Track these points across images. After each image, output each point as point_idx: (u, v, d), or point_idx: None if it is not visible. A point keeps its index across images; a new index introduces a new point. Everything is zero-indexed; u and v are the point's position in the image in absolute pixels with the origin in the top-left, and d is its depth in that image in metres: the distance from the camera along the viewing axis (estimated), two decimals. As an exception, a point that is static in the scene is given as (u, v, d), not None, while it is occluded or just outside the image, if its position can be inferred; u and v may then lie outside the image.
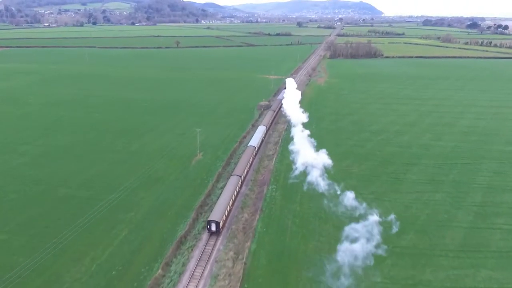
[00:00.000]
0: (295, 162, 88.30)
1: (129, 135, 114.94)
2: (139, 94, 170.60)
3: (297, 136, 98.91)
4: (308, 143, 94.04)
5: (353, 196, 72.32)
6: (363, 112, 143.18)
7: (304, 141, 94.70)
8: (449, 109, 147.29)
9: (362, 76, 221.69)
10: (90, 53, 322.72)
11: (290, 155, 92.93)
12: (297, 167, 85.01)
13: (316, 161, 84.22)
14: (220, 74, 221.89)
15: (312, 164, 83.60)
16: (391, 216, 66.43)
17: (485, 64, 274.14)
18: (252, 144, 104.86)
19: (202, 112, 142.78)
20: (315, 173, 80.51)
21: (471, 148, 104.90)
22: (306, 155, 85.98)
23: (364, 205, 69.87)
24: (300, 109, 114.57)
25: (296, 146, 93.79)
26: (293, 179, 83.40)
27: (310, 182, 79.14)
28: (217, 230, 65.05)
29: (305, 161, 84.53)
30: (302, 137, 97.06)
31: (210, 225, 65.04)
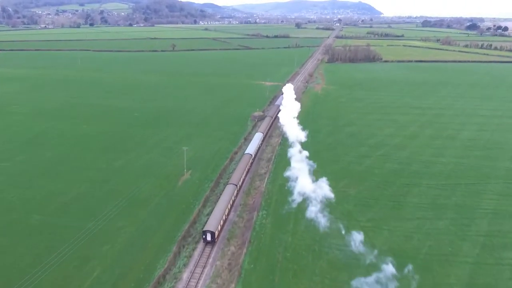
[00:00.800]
0: (292, 192, 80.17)
1: (115, 150, 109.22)
2: (131, 102, 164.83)
3: (294, 158, 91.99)
4: (306, 168, 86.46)
5: (361, 238, 64.58)
6: (361, 123, 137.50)
7: (302, 165, 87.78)
8: (450, 119, 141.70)
9: (361, 82, 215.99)
10: (84, 56, 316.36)
11: (287, 183, 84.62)
12: (294, 199, 76.93)
13: (316, 193, 76.60)
14: (215, 80, 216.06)
15: (311, 197, 75.94)
16: (408, 267, 58.11)
17: (486, 69, 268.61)
18: (249, 152, 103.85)
19: (194, 122, 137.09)
20: (314, 208, 72.88)
21: (475, 165, 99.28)
22: (305, 185, 78.20)
23: (376, 252, 61.96)
24: (298, 125, 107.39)
25: (293, 171, 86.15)
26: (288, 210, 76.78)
27: (308, 219, 71.56)
28: (213, 240, 66.23)
29: (303, 192, 77.05)
30: (300, 160, 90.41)
31: (205, 235, 66.16)
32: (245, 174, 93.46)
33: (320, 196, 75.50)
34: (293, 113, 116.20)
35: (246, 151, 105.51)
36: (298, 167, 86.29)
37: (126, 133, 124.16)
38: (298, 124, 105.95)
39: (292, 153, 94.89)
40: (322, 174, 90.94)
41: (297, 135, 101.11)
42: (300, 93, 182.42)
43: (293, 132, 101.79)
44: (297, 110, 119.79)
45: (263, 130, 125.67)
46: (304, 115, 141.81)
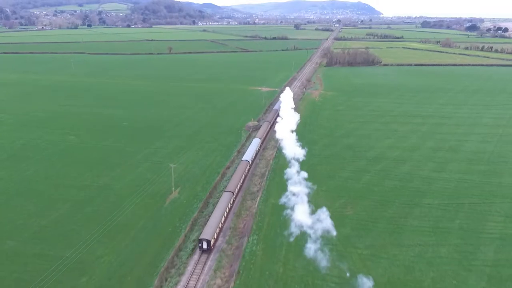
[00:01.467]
0: (290, 220, 74.23)
1: (102, 164, 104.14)
2: (122, 111, 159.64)
3: (292, 180, 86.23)
4: (305, 193, 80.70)
5: (370, 284, 58.71)
6: (360, 133, 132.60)
7: (300, 188, 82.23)
8: (452, 130, 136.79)
9: (359, 88, 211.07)
10: (78, 60, 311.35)
11: (283, 211, 78.00)
12: (292, 233, 70.33)
13: (315, 227, 70.24)
14: (210, 86, 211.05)
15: (309, 231, 69.68)
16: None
17: (487, 73, 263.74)
18: (246, 159, 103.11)
19: (186, 134, 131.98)
20: (314, 246, 66.49)
21: (479, 182, 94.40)
22: (302, 219, 71.77)
23: None
24: (296, 141, 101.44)
25: (289, 198, 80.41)
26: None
27: (306, 256, 65.38)
28: (208, 248, 67.12)
29: (301, 223, 71.07)
30: (298, 182, 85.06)
31: (201, 243, 67.05)
32: (242, 181, 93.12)
33: (319, 230, 69.22)
34: (291, 125, 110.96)
35: (243, 157, 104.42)
36: (296, 191, 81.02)
37: (114, 146, 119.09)
38: (296, 140, 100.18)
39: (289, 174, 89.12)
40: (318, 192, 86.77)
41: (295, 153, 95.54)
42: (297, 100, 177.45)
43: (291, 149, 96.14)
44: (295, 122, 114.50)
45: (261, 136, 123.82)
46: (301, 125, 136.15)
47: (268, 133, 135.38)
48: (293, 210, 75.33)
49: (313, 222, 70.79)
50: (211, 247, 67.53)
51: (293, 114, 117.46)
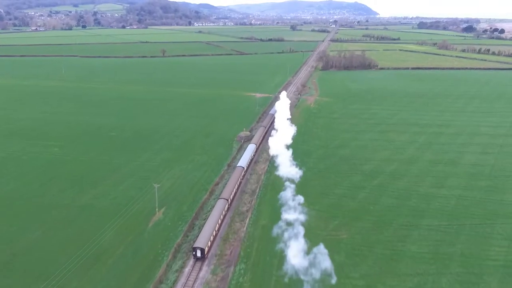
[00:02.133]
0: (282, 259, 67.00)
1: (85, 180, 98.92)
2: (111, 119, 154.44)
3: (287, 206, 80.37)
4: (301, 224, 75.05)
5: None
6: (355, 144, 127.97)
7: (295, 215, 76.80)
8: (451, 140, 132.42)
9: (355, 93, 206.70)
10: (70, 64, 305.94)
11: (276, 244, 70.71)
12: (286, 273, 63.27)
13: (312, 268, 63.17)
14: (203, 92, 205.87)
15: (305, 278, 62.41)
16: None
17: (485, 77, 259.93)
18: (241, 165, 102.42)
19: (175, 145, 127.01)
20: None
21: (480, 200, 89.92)
22: (298, 261, 64.23)
23: None
24: (292, 159, 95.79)
25: (284, 229, 73.82)
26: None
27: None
28: (202, 256, 67.88)
29: (295, 267, 64.01)
30: (293, 207, 79.52)
31: (195, 251, 67.61)
32: (236, 187, 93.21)
33: (317, 273, 62.69)
34: (287, 139, 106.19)
35: (238, 163, 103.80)
36: (291, 219, 75.86)
37: (99, 159, 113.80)
38: (291, 158, 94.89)
39: (284, 198, 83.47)
40: (311, 212, 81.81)
41: (290, 173, 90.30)
42: (292, 106, 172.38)
43: (286, 168, 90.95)
44: (291, 135, 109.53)
45: (256, 141, 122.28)
46: (295, 135, 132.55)
47: (264, 138, 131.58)
48: (286, 246, 69.13)
49: (310, 264, 64.23)
50: (205, 255, 68.15)
51: (289, 127, 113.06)
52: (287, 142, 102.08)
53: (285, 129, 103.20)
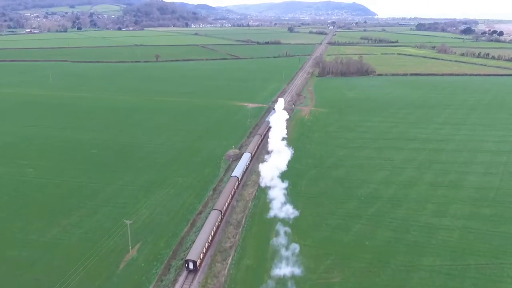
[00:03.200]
0: None
1: (56, 209, 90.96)
2: (94, 133, 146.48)
3: (278, 259, 71.40)
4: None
5: None
6: (351, 163, 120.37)
7: (289, 269, 68.62)
8: (452, 158, 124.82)
9: (352, 103, 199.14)
10: (60, 70, 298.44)
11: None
12: None
13: None
14: (193, 102, 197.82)
15: None
16: None
17: (486, 84, 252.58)
18: (235, 175, 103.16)
19: (159, 164, 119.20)
20: None
21: (486, 233, 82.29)
22: None
23: None
24: (287, 195, 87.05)
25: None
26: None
27: None
28: (194, 269, 68.81)
29: None
30: (285, 258, 71.00)
31: (187, 264, 68.66)
32: (230, 198, 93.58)
33: None
34: (281, 166, 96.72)
35: (233, 173, 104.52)
36: (283, 274, 67.61)
37: (76, 182, 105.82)
38: (287, 193, 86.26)
39: (275, 246, 74.32)
40: (301, 249, 73.87)
41: (285, 212, 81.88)
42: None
43: (279, 207, 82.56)
44: (287, 160, 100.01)
45: (251, 150, 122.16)
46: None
47: (259, 147, 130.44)
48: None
49: None
50: (197, 267, 69.17)
51: (284, 149, 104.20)
52: (281, 168, 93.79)
53: (279, 154, 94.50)
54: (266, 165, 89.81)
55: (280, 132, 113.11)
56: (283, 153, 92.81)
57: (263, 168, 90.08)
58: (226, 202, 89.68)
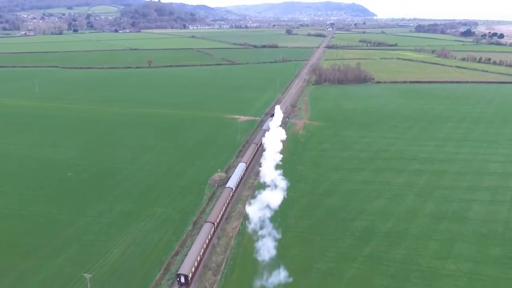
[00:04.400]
0: None
1: (17, 249, 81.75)
2: (72, 152, 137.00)
3: None
4: None
5: None
6: (346, 189, 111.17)
7: None
8: (455, 182, 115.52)
9: (349, 115, 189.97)
10: (48, 77, 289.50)
11: None
12: None
13: None
14: (182, 115, 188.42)
15: None
16: None
17: (488, 93, 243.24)
18: (229, 186, 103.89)
19: (139, 190, 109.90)
20: None
21: (495, 279, 73.37)
22: None
23: None
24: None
25: None
26: None
27: None
28: (186, 283, 69.84)
29: None
30: None
31: (179, 278, 69.86)
32: (223, 210, 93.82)
33: None
34: (274, 204, 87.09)
35: (227, 184, 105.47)
36: None
37: (45, 212, 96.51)
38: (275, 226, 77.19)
39: None
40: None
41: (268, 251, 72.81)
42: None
43: (265, 250, 73.40)
44: (279, 198, 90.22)
45: (246, 160, 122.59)
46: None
47: (255, 156, 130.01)
48: None
49: None
50: (189, 282, 69.98)
51: (280, 182, 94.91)
52: (273, 207, 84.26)
53: (271, 193, 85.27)
54: (256, 206, 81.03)
55: (275, 157, 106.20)
56: (275, 192, 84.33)
57: (251, 210, 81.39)
58: (219, 215, 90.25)
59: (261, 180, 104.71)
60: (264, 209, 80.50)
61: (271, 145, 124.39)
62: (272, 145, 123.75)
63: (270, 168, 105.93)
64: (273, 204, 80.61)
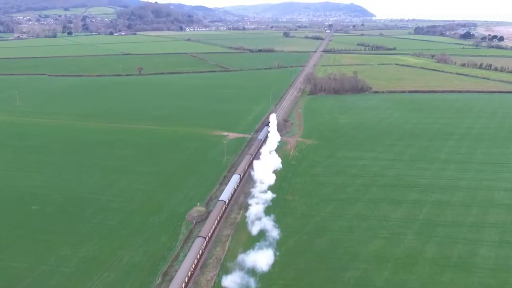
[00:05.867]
0: None
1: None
2: (41, 179, 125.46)
3: None
4: None
5: None
6: (339, 225, 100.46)
7: None
8: (459, 217, 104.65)
9: (344, 131, 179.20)
10: (33, 86, 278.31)
11: None
12: None
13: None
14: (165, 132, 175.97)
15: None
16: None
17: (490, 105, 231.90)
18: (222, 199, 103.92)
19: (107, 227, 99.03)
20: None
21: None
22: None
23: None
24: None
25: None
26: None
27: None
28: None
29: None
30: None
31: None
32: (216, 224, 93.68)
33: None
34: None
35: (220, 197, 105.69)
36: None
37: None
38: None
39: None
40: None
41: None
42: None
43: None
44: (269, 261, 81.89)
45: (241, 172, 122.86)
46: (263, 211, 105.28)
47: (249, 167, 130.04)
48: None
49: None
50: None
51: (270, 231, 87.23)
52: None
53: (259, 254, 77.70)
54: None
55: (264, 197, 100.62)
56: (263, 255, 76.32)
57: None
58: (211, 229, 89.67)
59: (248, 227, 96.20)
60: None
61: (262, 178, 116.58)
62: (263, 178, 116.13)
63: (259, 211, 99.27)
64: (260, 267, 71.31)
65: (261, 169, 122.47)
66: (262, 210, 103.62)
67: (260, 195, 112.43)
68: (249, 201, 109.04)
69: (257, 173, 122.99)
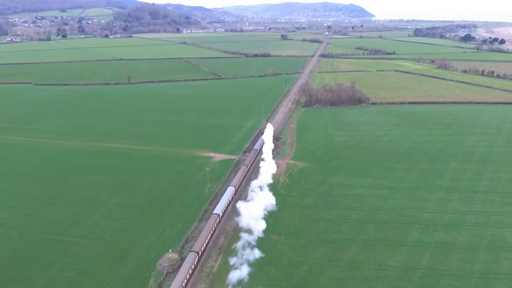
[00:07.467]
0: None
1: None
2: (2, 214, 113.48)
3: None
4: None
5: None
6: (329, 276, 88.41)
7: None
8: (465, 265, 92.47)
9: (339, 151, 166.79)
10: (15, 97, 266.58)
11: None
12: None
13: None
14: (145, 153, 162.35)
15: None
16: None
17: (495, 118, 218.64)
18: (216, 212, 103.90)
19: (66, 280, 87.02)
20: None
21: None
22: None
23: None
24: None
25: None
26: None
27: None
28: None
29: None
30: None
31: None
32: (209, 238, 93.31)
33: None
34: None
35: (214, 210, 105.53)
36: None
37: None
38: None
39: None
40: None
41: None
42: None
43: None
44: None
45: (236, 184, 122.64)
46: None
47: (244, 178, 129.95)
48: None
49: None
50: None
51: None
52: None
53: None
54: None
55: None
56: None
57: None
58: (204, 244, 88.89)
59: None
60: None
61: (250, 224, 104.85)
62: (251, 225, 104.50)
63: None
64: None
65: (249, 214, 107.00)
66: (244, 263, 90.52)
67: (244, 236, 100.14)
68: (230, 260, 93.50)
69: (244, 218, 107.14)
